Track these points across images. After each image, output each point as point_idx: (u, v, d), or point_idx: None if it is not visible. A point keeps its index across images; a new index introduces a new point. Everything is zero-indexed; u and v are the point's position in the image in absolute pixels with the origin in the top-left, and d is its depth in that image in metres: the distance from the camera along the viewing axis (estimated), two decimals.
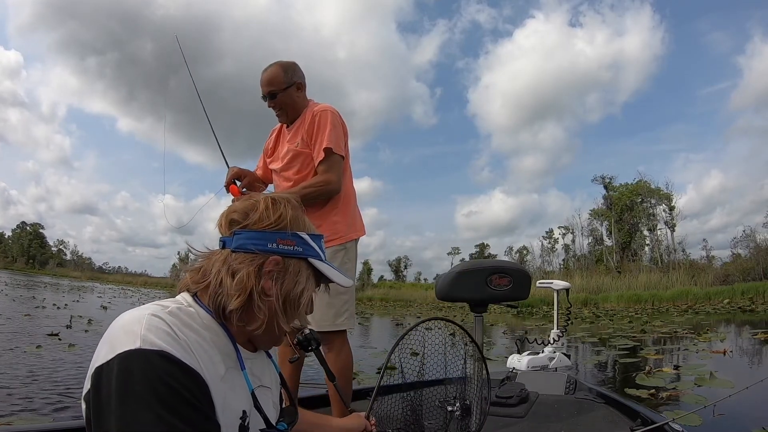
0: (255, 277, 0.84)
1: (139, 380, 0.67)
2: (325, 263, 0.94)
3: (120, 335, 0.73)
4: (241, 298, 0.82)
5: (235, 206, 0.90)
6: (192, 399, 0.70)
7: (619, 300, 22.79)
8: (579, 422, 1.98)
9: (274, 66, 2.12)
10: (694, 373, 4.56)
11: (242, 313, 0.83)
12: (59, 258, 73.95)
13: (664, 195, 34.16)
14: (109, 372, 0.69)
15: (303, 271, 0.90)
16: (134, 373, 0.67)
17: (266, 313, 0.84)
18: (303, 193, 1.99)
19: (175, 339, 0.74)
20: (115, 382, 0.67)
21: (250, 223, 0.87)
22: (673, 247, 33.20)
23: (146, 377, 0.67)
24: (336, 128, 2.06)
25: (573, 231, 39.79)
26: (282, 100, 2.10)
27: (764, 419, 2.94)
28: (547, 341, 3.14)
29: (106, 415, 0.66)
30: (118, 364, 0.68)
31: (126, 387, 0.66)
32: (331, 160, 2.03)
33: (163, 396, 0.67)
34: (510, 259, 39.16)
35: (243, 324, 0.85)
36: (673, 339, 8.45)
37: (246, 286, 0.82)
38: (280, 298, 0.85)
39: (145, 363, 0.68)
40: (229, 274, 0.83)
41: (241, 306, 0.82)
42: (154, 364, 0.69)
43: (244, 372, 0.85)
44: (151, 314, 0.76)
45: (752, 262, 25.04)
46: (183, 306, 0.82)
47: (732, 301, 19.11)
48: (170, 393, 0.68)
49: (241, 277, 0.82)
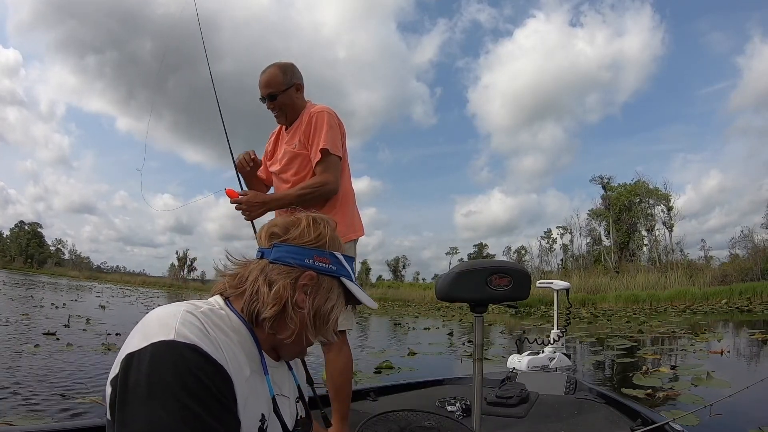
0: (290, 289, 0.87)
1: (169, 370, 0.69)
2: (356, 285, 0.97)
3: (155, 327, 0.75)
4: (276, 308, 0.85)
5: (277, 220, 0.95)
6: (218, 394, 0.73)
7: (617, 300, 22.84)
8: (579, 422, 1.98)
9: (272, 67, 2.11)
10: (691, 373, 4.57)
11: (275, 321, 0.87)
12: (57, 257, 73.85)
13: (662, 195, 34.26)
14: (140, 359, 0.71)
15: (335, 288, 0.93)
16: (165, 362, 0.70)
17: (297, 325, 0.88)
18: (300, 193, 2.00)
19: (206, 335, 0.77)
20: (146, 370, 0.70)
21: (290, 237, 0.91)
22: (671, 247, 33.31)
23: (177, 368, 0.70)
24: (332, 129, 2.06)
25: (571, 231, 39.91)
26: (281, 101, 2.10)
27: (761, 419, 2.95)
28: (546, 341, 3.14)
29: (133, 401, 0.69)
30: (151, 353, 0.71)
31: (156, 375, 0.69)
32: (328, 161, 2.03)
33: (191, 387, 0.69)
34: (508, 259, 39.20)
35: (274, 332, 0.88)
36: (670, 339, 8.46)
37: (282, 297, 0.86)
38: (311, 312, 0.89)
39: (176, 354, 0.71)
40: (266, 284, 0.87)
41: (274, 315, 0.86)
42: (185, 356, 0.71)
43: (267, 377, 0.88)
44: (185, 311, 0.79)
45: (750, 263, 25.12)
46: (215, 308, 0.86)
47: (730, 301, 19.17)
48: (198, 385, 0.70)
49: (278, 288, 0.86)
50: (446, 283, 1.83)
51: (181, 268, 63.25)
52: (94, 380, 3.90)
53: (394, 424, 1.45)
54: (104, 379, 2.71)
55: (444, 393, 2.48)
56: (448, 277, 1.84)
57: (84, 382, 3.79)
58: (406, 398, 2.47)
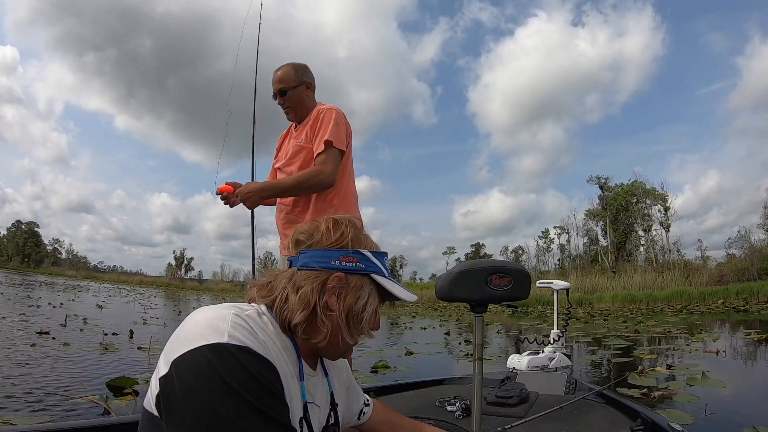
0: (318, 292, 0.88)
1: (227, 371, 0.72)
2: (389, 279, 0.97)
3: (205, 329, 0.78)
4: (305, 313, 0.87)
5: (301, 227, 0.97)
6: (273, 388, 0.77)
7: (614, 300, 22.89)
8: (579, 422, 1.98)
9: (286, 66, 2.20)
10: (686, 373, 4.59)
11: (306, 326, 0.89)
12: (54, 257, 73.63)
13: (660, 195, 34.36)
14: (194, 361, 0.74)
15: (365, 286, 0.93)
16: (221, 363, 0.73)
17: (329, 327, 0.89)
18: (295, 182, 2.02)
19: (255, 337, 0.80)
20: (205, 371, 0.72)
21: (314, 242, 0.93)
22: (667, 247, 33.41)
23: (234, 369, 0.73)
24: (339, 125, 2.08)
25: (568, 231, 40.02)
26: (291, 97, 2.17)
27: (755, 418, 2.97)
28: (546, 341, 3.15)
29: (192, 401, 0.71)
30: (207, 354, 0.74)
31: (214, 376, 0.72)
32: (329, 153, 2.05)
33: (248, 385, 0.73)
34: (506, 259, 39.23)
35: (307, 337, 0.90)
36: (667, 339, 8.49)
37: (309, 301, 0.87)
38: (342, 313, 0.90)
39: (232, 356, 0.74)
40: (293, 290, 0.88)
41: (305, 320, 0.87)
42: (239, 357, 0.75)
43: (302, 383, 0.90)
44: (234, 314, 0.82)
45: (747, 263, 25.21)
46: (259, 312, 0.89)
47: (726, 301, 19.25)
48: (255, 383, 0.74)
49: (305, 292, 0.87)
50: (446, 283, 1.83)
51: (178, 268, 63.17)
52: (93, 380, 3.89)
53: None
54: (102, 379, 2.73)
55: (444, 393, 2.48)
56: (447, 276, 1.84)
57: (82, 382, 3.78)
58: (405, 398, 2.47)
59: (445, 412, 2.12)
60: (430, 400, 2.34)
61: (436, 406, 2.27)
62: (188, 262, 63.97)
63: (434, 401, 2.32)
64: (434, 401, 2.32)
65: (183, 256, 63.95)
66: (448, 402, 2.26)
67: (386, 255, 1.00)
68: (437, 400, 2.33)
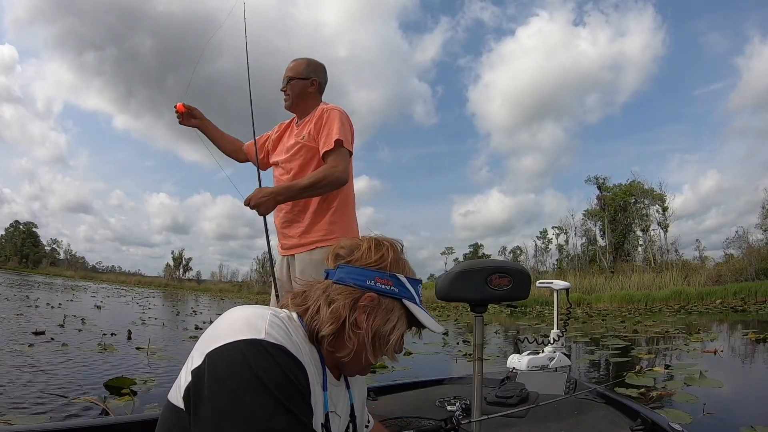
0: (349, 309, 0.91)
1: (260, 366, 0.75)
2: (419, 307, 0.98)
3: (243, 325, 0.80)
4: (334, 326, 0.89)
5: (343, 243, 1.00)
6: (302, 389, 0.79)
7: (612, 300, 22.95)
8: (579, 422, 1.98)
9: (302, 58, 2.24)
10: (684, 373, 4.60)
11: (333, 339, 0.91)
12: (53, 257, 73.46)
13: (658, 196, 34.42)
14: (229, 354, 0.76)
15: (396, 310, 0.95)
16: (257, 358, 0.75)
17: (355, 344, 0.91)
18: (310, 182, 1.99)
19: (290, 339, 0.83)
20: (239, 365, 0.74)
21: (353, 259, 0.95)
22: (666, 247, 33.47)
23: (267, 365, 0.75)
24: (345, 126, 2.08)
25: (567, 231, 40.06)
26: (293, 86, 2.18)
27: (753, 417, 2.98)
28: (545, 341, 3.14)
29: (223, 393, 0.73)
30: (243, 349, 0.76)
31: (248, 370, 0.74)
32: (339, 152, 2.04)
33: (280, 382, 0.75)
34: (505, 259, 39.18)
35: (333, 350, 0.92)
36: (665, 339, 8.50)
37: (340, 316, 0.90)
38: (370, 333, 0.92)
39: (267, 352, 0.77)
40: (326, 303, 0.91)
41: (332, 333, 0.90)
42: (275, 355, 0.77)
43: (325, 393, 0.92)
44: (272, 314, 0.85)
45: (744, 263, 25.27)
46: (292, 317, 0.91)
47: (724, 301, 19.29)
48: (286, 381, 0.76)
49: (337, 307, 0.90)
50: (446, 283, 1.83)
51: (176, 268, 63.07)
52: (91, 380, 3.88)
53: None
54: (101, 380, 2.71)
55: (444, 393, 2.48)
56: (447, 276, 1.84)
57: (81, 382, 3.77)
58: (405, 398, 2.47)
59: (445, 412, 2.11)
60: (430, 400, 2.34)
61: (436, 406, 2.27)
62: (186, 263, 63.97)
63: (434, 401, 2.32)
64: (434, 401, 2.32)
65: (181, 257, 63.94)
66: (448, 402, 2.26)
67: (421, 282, 1.02)
68: (437, 400, 2.33)
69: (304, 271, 2.09)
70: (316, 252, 2.09)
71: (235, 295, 42.45)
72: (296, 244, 2.14)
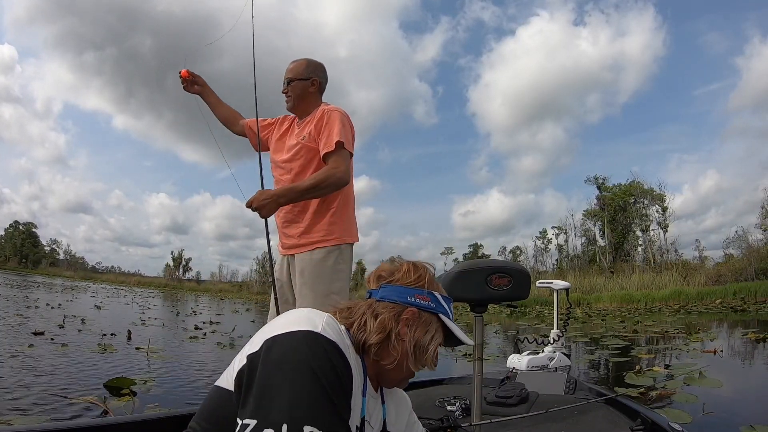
0: (394, 321, 1.01)
1: (314, 354, 0.82)
2: (453, 322, 1.09)
3: (303, 319, 0.89)
4: (381, 336, 0.99)
5: (383, 267, 1.12)
6: (346, 388, 0.85)
7: (612, 300, 22.93)
8: (579, 422, 1.99)
9: (302, 59, 2.26)
10: (684, 372, 4.60)
11: (379, 349, 1.00)
12: (52, 257, 73.36)
13: (657, 196, 34.40)
14: (288, 340, 0.84)
15: (433, 323, 1.06)
16: (311, 347, 0.83)
17: (399, 353, 1.01)
18: (312, 184, 1.99)
19: (342, 340, 0.90)
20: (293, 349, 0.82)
21: (394, 279, 1.07)
22: (665, 247, 33.45)
23: (320, 354, 0.83)
24: (346, 127, 2.09)
25: (566, 231, 40.04)
26: (294, 87, 2.20)
27: (753, 417, 2.98)
28: (545, 341, 3.15)
29: (277, 374, 0.80)
30: (299, 337, 0.85)
31: (302, 356, 0.82)
32: (340, 153, 2.05)
33: (329, 374, 0.81)
34: (505, 259, 39.19)
35: (378, 359, 1.01)
36: (664, 339, 8.50)
37: (386, 327, 1.00)
38: (412, 342, 1.02)
39: (322, 345, 0.84)
40: (372, 316, 1.01)
41: (379, 342, 0.99)
42: (328, 349, 0.84)
43: (364, 399, 0.97)
44: (329, 316, 0.94)
45: (744, 263, 25.23)
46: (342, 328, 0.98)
47: (724, 301, 19.26)
48: (334, 375, 0.82)
49: (383, 319, 1.00)
50: (446, 283, 1.83)
51: (176, 268, 63.00)
52: (91, 381, 3.88)
53: None
54: (101, 380, 2.71)
55: (444, 393, 2.49)
56: (447, 276, 1.84)
57: (80, 383, 3.77)
58: None
59: (445, 412, 2.12)
60: (430, 400, 2.34)
61: (436, 405, 2.27)
62: (186, 263, 63.85)
63: (434, 401, 2.32)
64: (434, 401, 2.32)
65: (181, 257, 63.83)
66: (448, 402, 2.26)
67: (452, 301, 1.14)
68: (437, 399, 2.33)
69: (304, 270, 2.10)
70: (317, 252, 2.09)
71: (234, 296, 42.45)
72: (296, 243, 2.14)
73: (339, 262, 2.11)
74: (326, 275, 2.07)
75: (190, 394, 3.81)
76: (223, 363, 5.67)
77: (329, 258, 2.09)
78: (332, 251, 2.10)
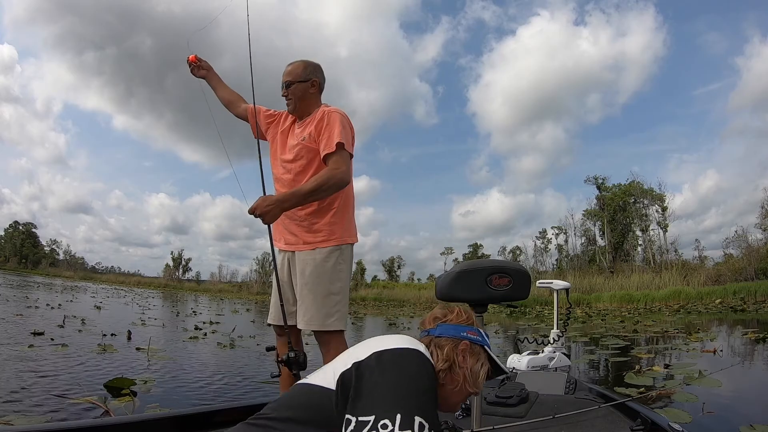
0: (454, 352, 1.25)
1: (421, 368, 1.12)
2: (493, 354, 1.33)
3: (410, 342, 1.20)
4: (447, 364, 1.22)
5: (436, 312, 1.36)
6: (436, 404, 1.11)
7: (612, 300, 22.94)
8: (579, 422, 1.99)
9: (299, 61, 2.26)
10: (683, 372, 4.60)
11: (445, 374, 1.22)
12: (52, 258, 73.23)
13: (657, 196, 34.40)
14: (401, 353, 1.13)
15: (482, 354, 1.30)
16: (418, 362, 1.13)
17: (461, 377, 1.24)
18: (313, 187, 1.98)
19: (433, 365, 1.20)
20: (414, 364, 1.11)
21: (449, 319, 1.31)
22: (665, 247, 33.46)
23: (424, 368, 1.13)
24: (346, 129, 2.09)
25: (566, 231, 40.05)
26: (294, 90, 2.20)
27: (753, 416, 2.98)
28: (545, 341, 3.15)
29: (383, 373, 1.06)
30: (413, 353, 1.14)
31: (419, 370, 1.11)
32: (341, 154, 2.05)
33: (429, 393, 1.08)
34: (505, 259, 39.14)
35: (444, 383, 1.22)
36: (664, 338, 8.50)
37: (450, 357, 1.23)
38: (468, 369, 1.25)
39: (425, 362, 1.15)
40: (437, 348, 1.25)
41: (445, 369, 1.22)
42: (428, 367, 1.15)
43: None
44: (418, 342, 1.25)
45: (744, 263, 25.22)
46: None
47: (723, 301, 19.26)
48: (432, 392, 1.10)
49: (448, 351, 1.24)
50: (446, 283, 1.83)
51: (176, 269, 62.91)
52: (91, 381, 3.88)
53: None
54: (101, 380, 2.71)
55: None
56: (448, 276, 1.84)
57: (81, 383, 3.77)
58: None
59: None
60: None
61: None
62: (186, 263, 63.73)
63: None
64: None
65: (181, 257, 63.69)
66: None
67: (488, 336, 1.37)
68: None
69: (305, 270, 2.10)
70: (318, 252, 2.10)
71: (234, 296, 42.41)
72: (297, 241, 2.15)
73: (340, 262, 2.12)
74: (327, 275, 2.08)
75: (190, 395, 3.81)
76: (223, 363, 5.68)
77: (330, 258, 2.10)
78: (333, 251, 2.11)
